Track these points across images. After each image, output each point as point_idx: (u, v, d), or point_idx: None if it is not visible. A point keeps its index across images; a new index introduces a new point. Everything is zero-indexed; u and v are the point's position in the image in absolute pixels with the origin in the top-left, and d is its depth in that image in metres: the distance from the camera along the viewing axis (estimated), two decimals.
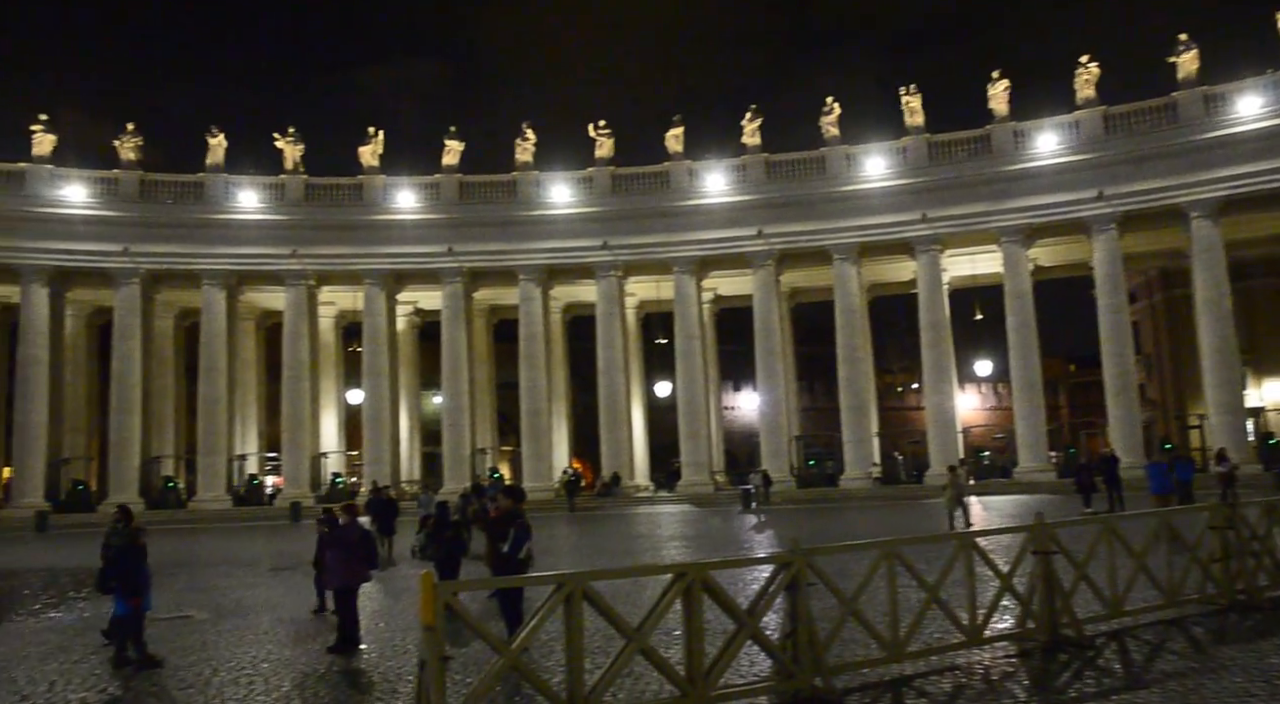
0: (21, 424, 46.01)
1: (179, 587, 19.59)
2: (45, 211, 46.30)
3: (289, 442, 48.47)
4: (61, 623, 15.89)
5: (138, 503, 45.55)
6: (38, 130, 46.69)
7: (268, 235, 48.25)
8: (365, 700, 9.59)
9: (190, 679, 10.92)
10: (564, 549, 25.85)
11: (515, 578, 10.46)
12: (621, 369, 49.69)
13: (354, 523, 12.72)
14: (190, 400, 51.46)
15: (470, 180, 50.27)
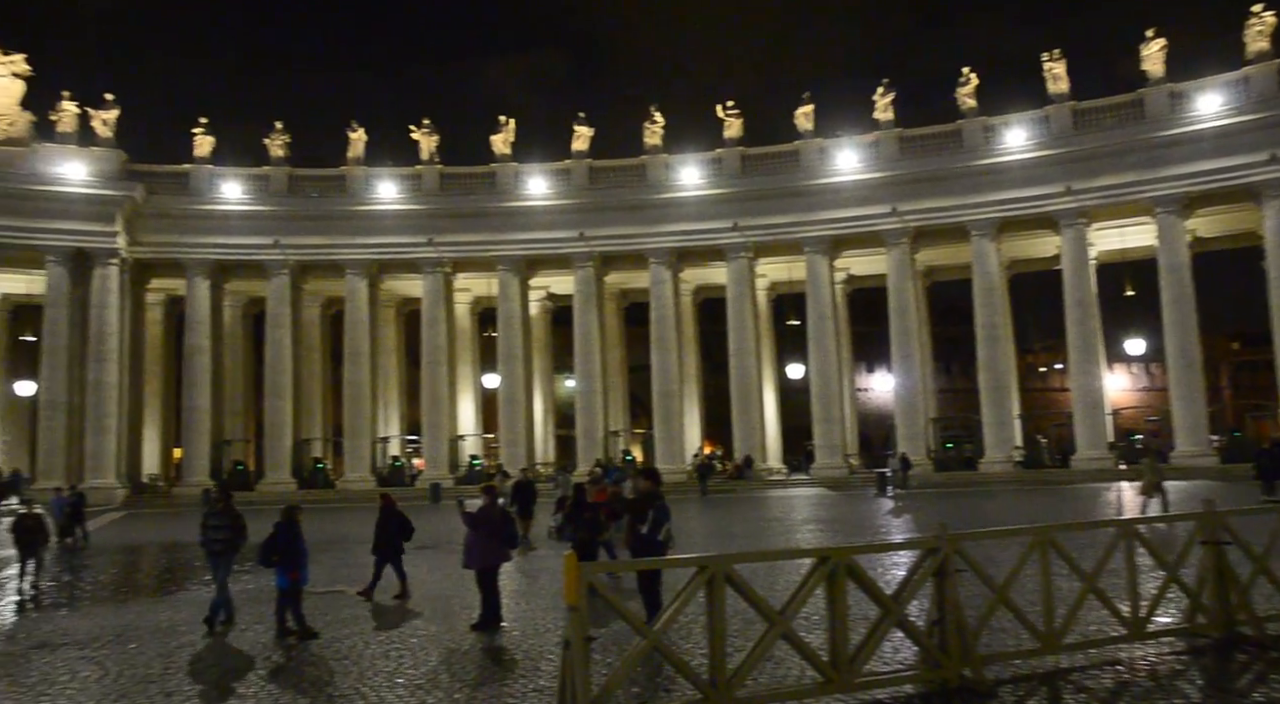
0: (189, 408, 49.15)
1: (330, 563, 20.47)
2: (206, 209, 49.12)
3: (428, 425, 50.12)
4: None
5: (290, 483, 48.15)
6: (198, 132, 49.51)
7: (406, 225, 49.86)
8: (509, 678, 9.78)
9: (344, 651, 11.39)
10: (697, 532, 25.84)
11: (656, 560, 10.46)
12: (753, 351, 49.32)
13: (494, 504, 12.99)
14: (336, 385, 53.82)
15: (600, 165, 50.66)
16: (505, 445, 50.08)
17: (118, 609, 15.63)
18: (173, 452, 53.45)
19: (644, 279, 50.81)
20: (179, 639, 12.47)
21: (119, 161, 47.77)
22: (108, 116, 47.51)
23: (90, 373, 46.07)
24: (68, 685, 10.03)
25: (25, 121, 46.73)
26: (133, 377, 49.27)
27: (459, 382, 53.73)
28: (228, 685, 9.78)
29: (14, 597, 17.36)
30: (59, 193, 45.99)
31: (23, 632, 13.61)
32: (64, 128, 46.89)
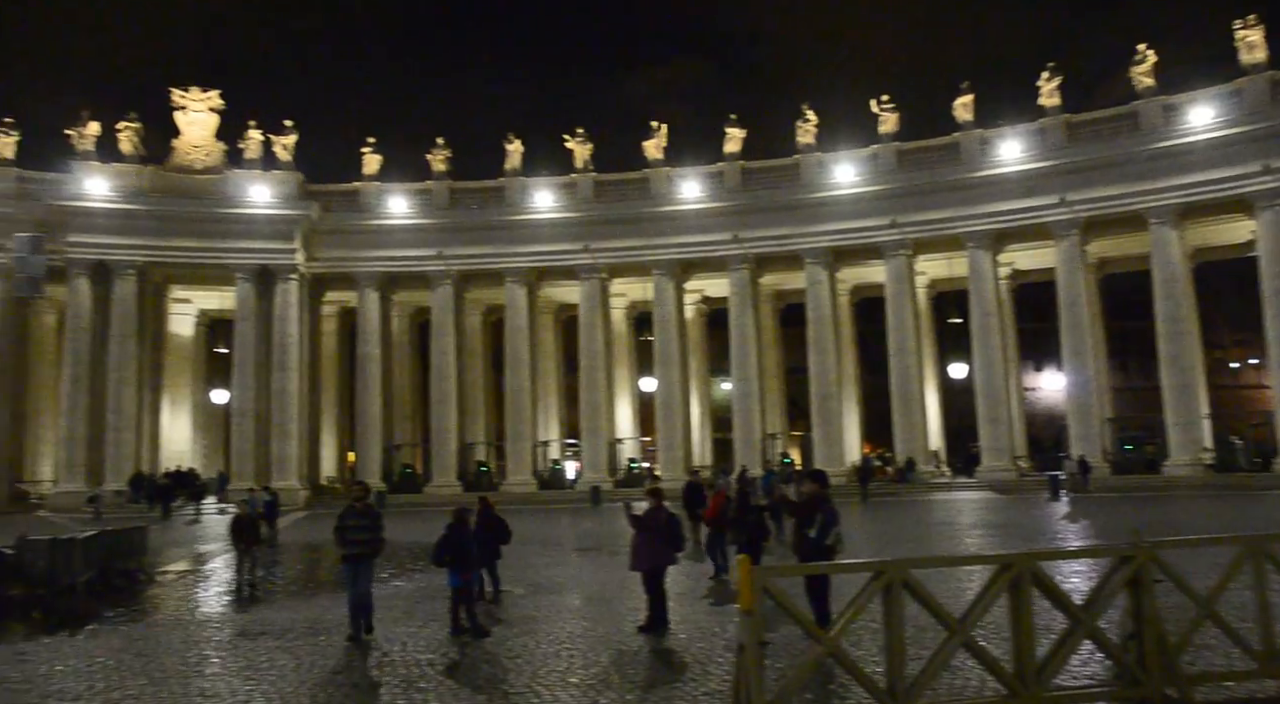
0: (361, 414, 51.84)
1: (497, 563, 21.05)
2: (374, 224, 51.68)
3: (587, 428, 51.01)
4: (404, 591, 17.56)
5: (456, 485, 49.90)
6: (366, 151, 52.16)
7: (562, 232, 50.95)
8: (679, 681, 9.78)
9: (516, 649, 11.67)
10: (860, 537, 25.26)
11: (831, 564, 10.26)
12: (913, 351, 47.92)
13: (660, 507, 13.03)
14: (497, 391, 55.49)
15: (752, 166, 50.37)
16: (662, 449, 50.42)
17: (306, 602, 16.56)
18: (347, 455, 56.41)
19: (800, 280, 50.18)
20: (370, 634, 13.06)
21: (297, 183, 50.84)
22: (287, 141, 50.64)
23: (274, 382, 49.19)
24: (268, 673, 10.67)
25: (219, 151, 50.41)
26: (311, 385, 52.30)
27: (616, 386, 54.46)
28: (409, 680, 10.16)
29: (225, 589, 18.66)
30: (246, 215, 49.43)
31: (229, 621, 14.59)
32: (250, 154, 50.29)
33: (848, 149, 49.22)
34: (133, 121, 49.34)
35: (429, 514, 38.39)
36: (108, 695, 9.77)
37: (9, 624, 14.28)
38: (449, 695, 9.45)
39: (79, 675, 10.85)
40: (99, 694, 9.86)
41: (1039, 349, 62.36)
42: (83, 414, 46.93)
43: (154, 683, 10.30)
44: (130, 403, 47.80)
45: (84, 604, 15.63)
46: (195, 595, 18.32)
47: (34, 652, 12.34)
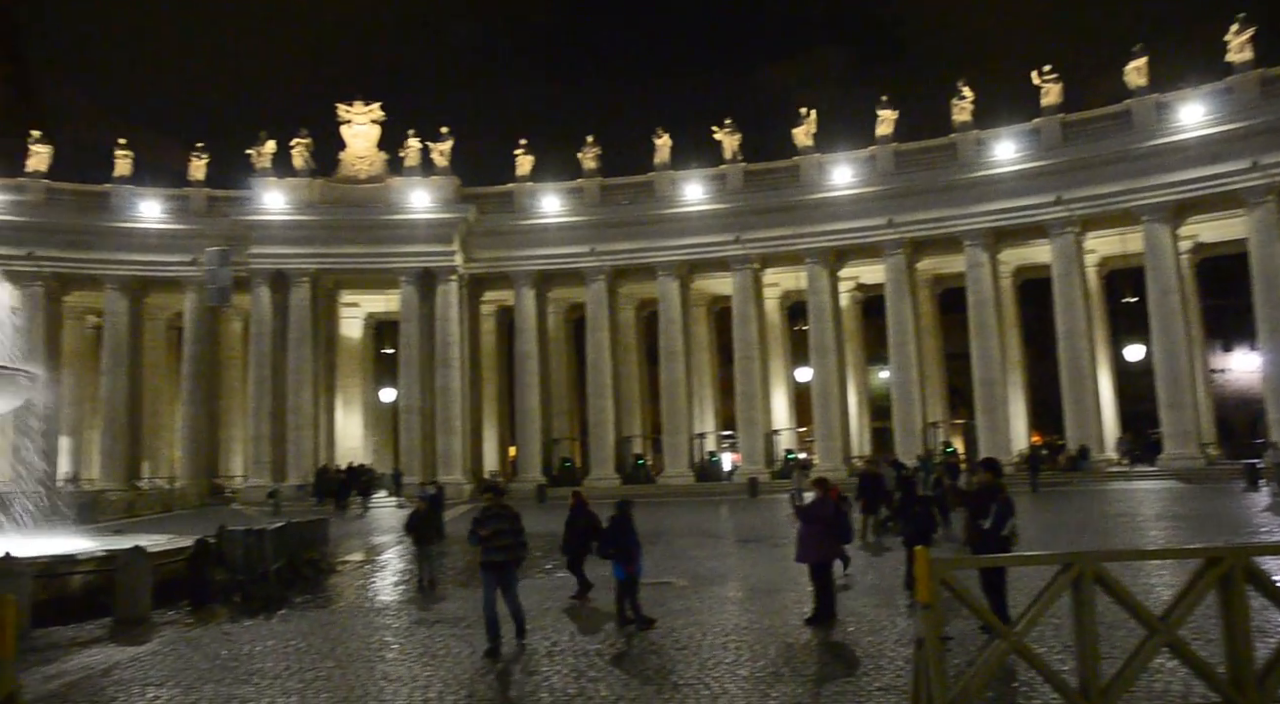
0: (521, 410, 53.28)
1: (657, 555, 21.11)
2: (528, 224, 52.93)
3: (743, 420, 50.75)
4: (569, 582, 17.85)
5: (614, 478, 50.59)
6: (519, 153, 53.50)
7: (713, 224, 50.77)
8: (851, 675, 9.54)
9: (682, 641, 11.66)
10: (1033, 528, 24.09)
11: (1013, 556, 9.81)
12: (1084, 333, 45.38)
13: (827, 498, 12.78)
14: (652, 384, 55.90)
15: (907, 148, 48.79)
16: (820, 439, 49.64)
17: (476, 592, 16.99)
18: (508, 450, 58.11)
19: (959, 263, 48.35)
20: (535, 622, 13.32)
21: (455, 187, 52.64)
22: (444, 148, 52.51)
23: (438, 380, 51.14)
24: (444, 659, 11.05)
25: (381, 161, 52.81)
26: (472, 382, 54.11)
27: (771, 376, 53.98)
28: (578, 669, 10.30)
29: (400, 579, 19.51)
30: (407, 220, 51.57)
31: (405, 609, 15.20)
32: (410, 162, 52.42)
33: (1006, 125, 47.00)
34: (303, 138, 52.26)
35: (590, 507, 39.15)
36: (302, 675, 10.33)
37: (214, 607, 15.35)
38: (618, 685, 9.52)
39: (276, 655, 11.53)
40: (294, 674, 10.44)
41: (1228, 328, 57.99)
42: (267, 414, 50.11)
43: (341, 665, 10.83)
44: (308, 402, 50.69)
45: (275, 590, 16.61)
46: (373, 584, 19.20)
47: (236, 632, 13.21)
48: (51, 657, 11.67)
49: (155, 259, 51.50)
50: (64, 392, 46.02)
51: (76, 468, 50.91)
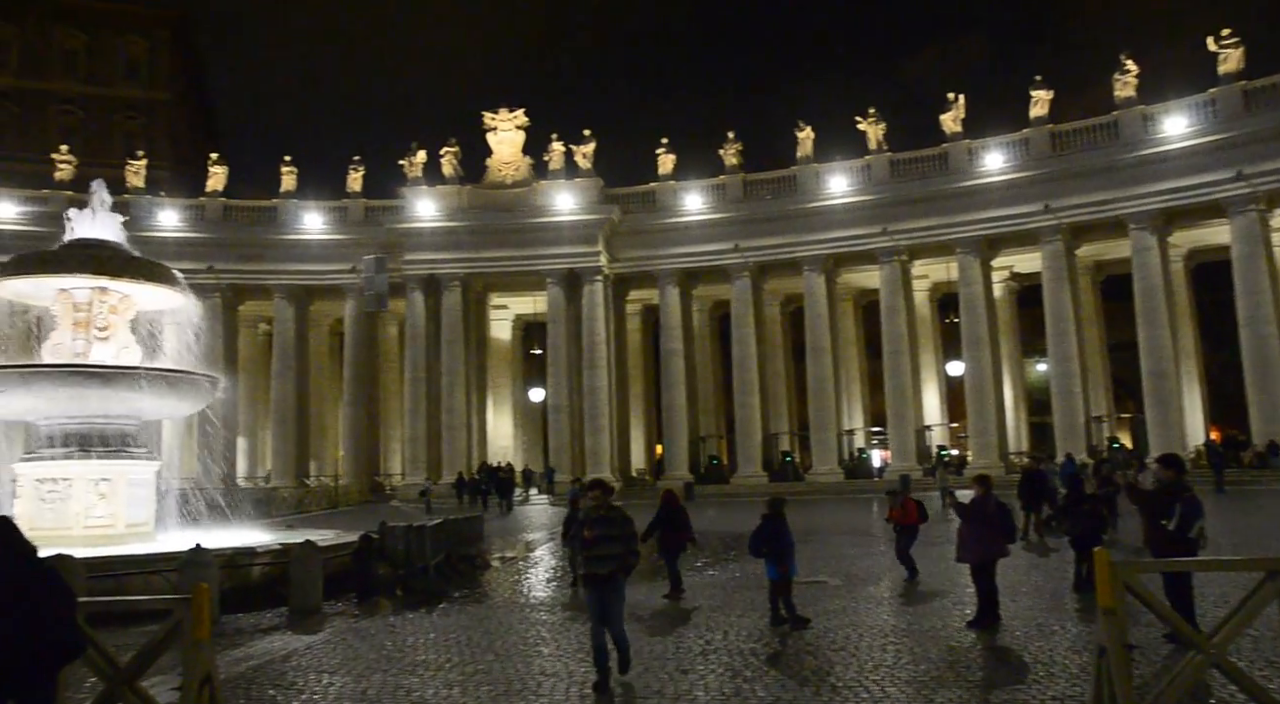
0: (667, 407, 53.57)
1: (808, 554, 20.75)
2: (671, 222, 53.12)
3: (893, 415, 49.46)
4: (719, 580, 17.78)
5: (761, 476, 50.19)
6: (660, 152, 53.74)
7: (858, 216, 49.68)
8: (1021, 682, 9.08)
9: (839, 641, 11.39)
10: (1220, 530, 22.47)
11: (1206, 560, 9.13)
12: (1271, 319, 42.00)
13: (989, 495, 12.25)
14: (798, 380, 55.19)
15: (1063, 129, 46.39)
16: (974, 435, 47.87)
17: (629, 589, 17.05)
18: (655, 448, 58.47)
19: (1122, 248, 45.67)
20: (687, 620, 13.31)
21: (598, 189, 53.36)
22: (586, 150, 53.31)
23: (585, 379, 51.96)
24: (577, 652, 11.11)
25: (526, 165, 54.10)
26: (619, 381, 54.72)
27: (921, 371, 52.45)
28: (732, 668, 10.18)
29: (551, 575, 19.89)
30: (553, 223, 52.61)
31: (559, 604, 15.43)
32: (554, 165, 53.47)
33: (1176, 97, 44.04)
34: (452, 147, 54.08)
35: (737, 504, 38.99)
36: (463, 668, 10.61)
37: (378, 600, 15.99)
38: (774, 685, 9.35)
39: (438, 648, 11.90)
40: (456, 666, 10.73)
41: None
42: (422, 414, 52.09)
43: (500, 659, 11.06)
44: (460, 403, 52.39)
45: (435, 584, 17.17)
46: (527, 580, 19.60)
47: (400, 625, 13.72)
48: (238, 642, 12.40)
49: (318, 268, 54.37)
50: (239, 395, 49.07)
51: (251, 466, 54.26)
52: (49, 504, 17.00)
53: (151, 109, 76.14)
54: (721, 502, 42.29)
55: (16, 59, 73.83)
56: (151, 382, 17.68)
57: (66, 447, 17.47)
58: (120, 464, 17.81)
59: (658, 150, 53.83)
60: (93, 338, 18.34)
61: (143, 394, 17.56)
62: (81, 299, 18.42)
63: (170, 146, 73.11)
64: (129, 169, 53.64)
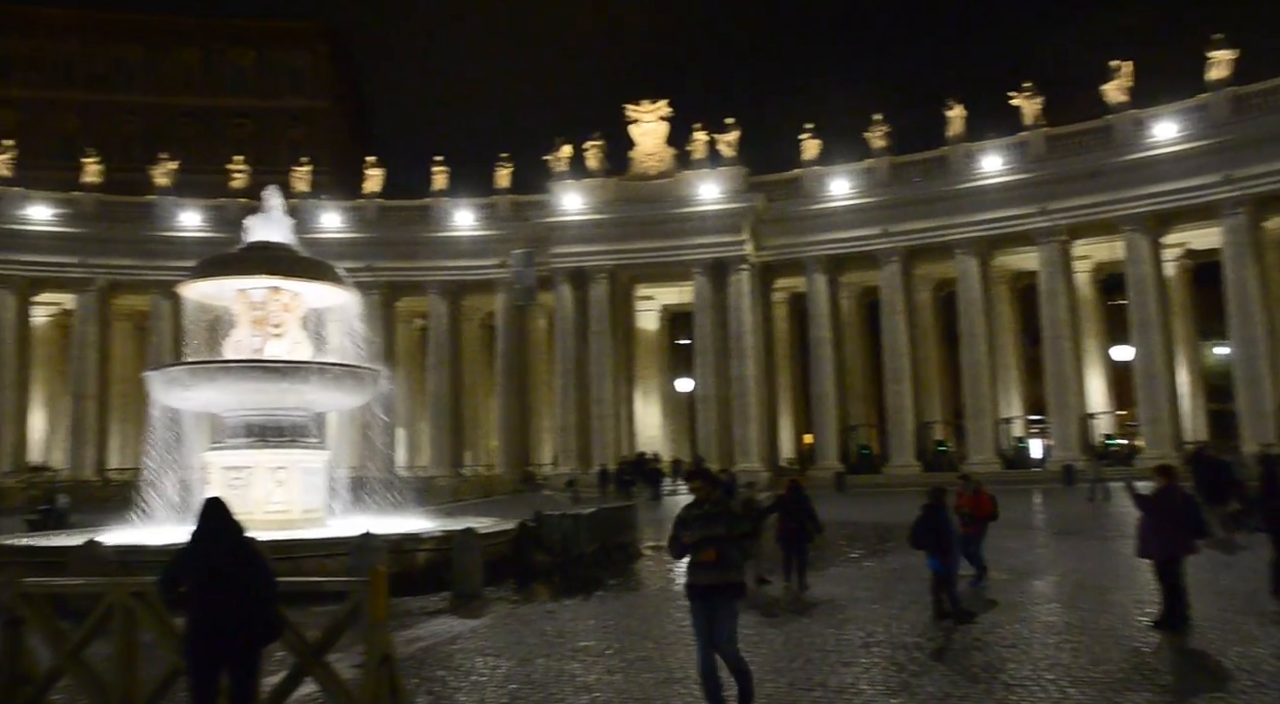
0: (816, 396, 52.73)
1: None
2: (817, 208, 52.10)
3: (1054, 403, 47.16)
4: (876, 571, 17.39)
5: (914, 466, 48.74)
6: (804, 137, 52.69)
7: (1014, 196, 47.50)
8: (1221, 691, 8.45)
9: (1008, 637, 10.93)
10: None
11: None
12: None
13: (1173, 487, 11.47)
14: (952, 367, 53.34)
15: (1246, 92, 42.91)
16: (1145, 423, 45.12)
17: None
18: (803, 437, 57.70)
19: None
20: (846, 612, 13.05)
21: (742, 177, 52.95)
22: (730, 138, 52.97)
23: (732, 368, 51.70)
24: (759, 647, 10.93)
25: (670, 156, 54.23)
26: (766, 370, 54.22)
27: (1084, 356, 49.80)
28: (896, 662, 9.89)
29: None
30: (697, 213, 52.51)
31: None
32: (697, 155, 53.37)
33: None
34: (596, 140, 54.71)
35: (889, 495, 38.05)
36: (624, 655, 10.69)
37: (536, 586, 16.35)
38: (943, 680, 9.03)
39: (596, 634, 12.05)
40: (616, 653, 10.84)
41: None
42: (572, 405, 53.03)
43: (659, 646, 11.11)
44: (608, 393, 53.04)
45: (590, 572, 17.42)
46: (679, 569, 19.62)
47: (558, 611, 13.98)
48: (406, 624, 12.89)
49: (469, 264, 56.07)
50: (397, 387, 51.21)
51: (410, 456, 56.53)
52: (234, 490, 18.09)
53: (313, 118, 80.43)
54: (873, 492, 41.40)
55: (199, 80, 79.42)
56: (321, 375, 18.58)
57: (248, 437, 18.56)
58: (295, 453, 18.79)
59: (801, 136, 52.94)
60: (268, 334, 19.40)
61: (313, 387, 18.47)
62: (258, 298, 19.51)
63: (331, 152, 76.89)
64: (294, 175, 56.64)
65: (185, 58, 79.92)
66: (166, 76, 79.06)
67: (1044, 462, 47.72)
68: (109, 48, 78.99)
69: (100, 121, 75.75)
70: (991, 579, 15.32)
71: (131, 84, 78.75)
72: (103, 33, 78.87)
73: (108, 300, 54.68)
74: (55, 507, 30.52)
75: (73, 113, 76.36)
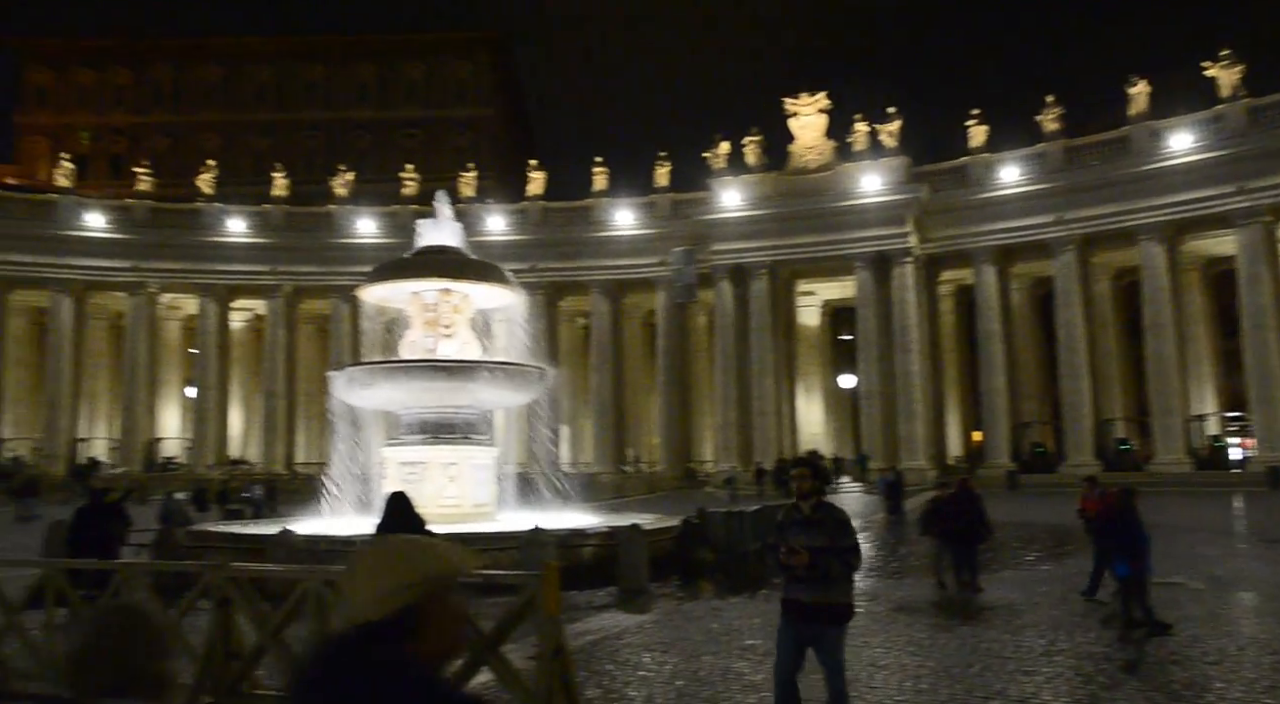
0: (985, 392, 50.69)
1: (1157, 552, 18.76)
2: (985, 197, 50.04)
3: (1257, 399, 43.53)
4: (1055, 575, 16.51)
5: (1093, 465, 46.00)
6: (971, 124, 50.83)
7: (1207, 175, 44.05)
8: None
9: (1210, 651, 10.15)
10: None
11: None
12: None
13: None
14: (1133, 360, 50.15)
15: None
16: None
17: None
18: (972, 434, 55.54)
19: None
20: (1023, 618, 12.46)
21: (905, 167, 51.48)
22: (892, 128, 51.58)
23: (897, 364, 50.35)
24: (931, 650, 10.64)
25: (829, 149, 53.32)
26: (932, 365, 52.54)
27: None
28: (1083, 674, 9.35)
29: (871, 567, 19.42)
30: (858, 205, 51.42)
31: (881, 596, 14.95)
32: (858, 147, 52.25)
33: None
34: (754, 136, 54.41)
35: (1066, 495, 36.06)
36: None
37: (700, 583, 16.37)
38: (1137, 696, 8.47)
39: (762, 633, 11.90)
40: None
41: None
42: (733, 402, 52.90)
43: None
44: (769, 390, 52.62)
45: (754, 570, 17.27)
46: None
47: (724, 608, 13.93)
48: (574, 617, 13.11)
49: (629, 263, 56.81)
50: (561, 385, 52.42)
51: (573, 453, 57.76)
52: (410, 485, 18.89)
53: (478, 125, 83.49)
54: (1048, 492, 39.40)
55: (373, 94, 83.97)
56: (490, 374, 19.19)
57: (422, 433, 19.37)
58: (465, 449, 19.48)
59: (967, 122, 50.97)
60: (439, 335, 20.19)
61: (482, 386, 19.10)
62: (430, 300, 20.33)
63: (495, 157, 79.60)
64: (461, 181, 58.91)
65: (361, 74, 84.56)
66: (344, 93, 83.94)
67: (1244, 462, 44.26)
68: (294, 69, 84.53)
69: (286, 138, 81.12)
70: (1187, 589, 14.29)
71: (313, 102, 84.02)
72: (289, 56, 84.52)
73: (294, 305, 58.44)
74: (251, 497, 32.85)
75: (263, 132, 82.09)
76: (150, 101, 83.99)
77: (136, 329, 56.10)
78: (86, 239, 55.52)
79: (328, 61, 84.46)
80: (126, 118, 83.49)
